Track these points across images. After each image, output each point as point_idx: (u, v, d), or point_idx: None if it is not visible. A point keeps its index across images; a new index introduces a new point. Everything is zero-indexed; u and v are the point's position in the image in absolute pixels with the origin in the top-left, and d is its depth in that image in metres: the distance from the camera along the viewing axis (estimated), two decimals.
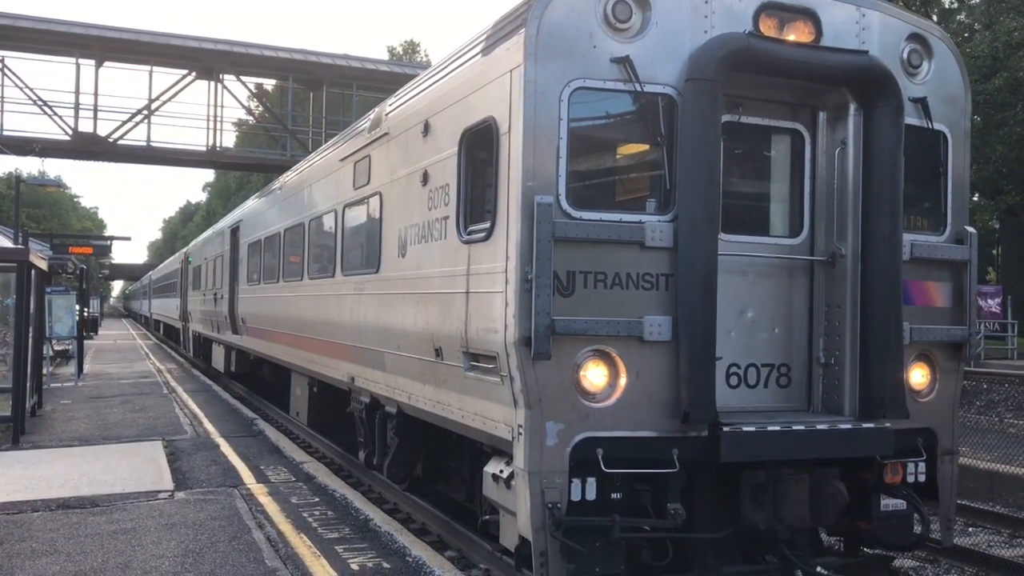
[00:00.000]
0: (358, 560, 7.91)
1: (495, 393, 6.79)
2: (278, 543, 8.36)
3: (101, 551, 8.06)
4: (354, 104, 35.72)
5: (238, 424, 16.55)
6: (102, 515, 9.36)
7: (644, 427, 6.44)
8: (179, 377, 26.55)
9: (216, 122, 33.58)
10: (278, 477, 11.51)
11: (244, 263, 19.44)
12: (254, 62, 34.65)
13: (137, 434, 14.85)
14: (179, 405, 19.19)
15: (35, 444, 13.86)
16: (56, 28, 31.08)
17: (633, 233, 6.42)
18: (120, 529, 8.79)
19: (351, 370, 10.94)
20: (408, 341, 8.66)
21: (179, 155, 34.10)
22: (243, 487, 10.81)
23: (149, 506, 9.80)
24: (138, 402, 19.46)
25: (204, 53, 33.03)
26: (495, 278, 6.61)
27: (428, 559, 7.91)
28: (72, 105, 31.44)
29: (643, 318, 6.39)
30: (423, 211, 8.27)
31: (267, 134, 41.36)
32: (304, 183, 14.09)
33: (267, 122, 40.96)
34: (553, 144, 6.28)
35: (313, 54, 36.19)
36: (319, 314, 12.31)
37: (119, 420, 16.53)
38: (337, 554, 8.08)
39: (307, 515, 9.46)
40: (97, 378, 25.40)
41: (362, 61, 37.98)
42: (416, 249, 8.49)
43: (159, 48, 32.51)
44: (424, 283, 8.20)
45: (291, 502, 10.05)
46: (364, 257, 10.50)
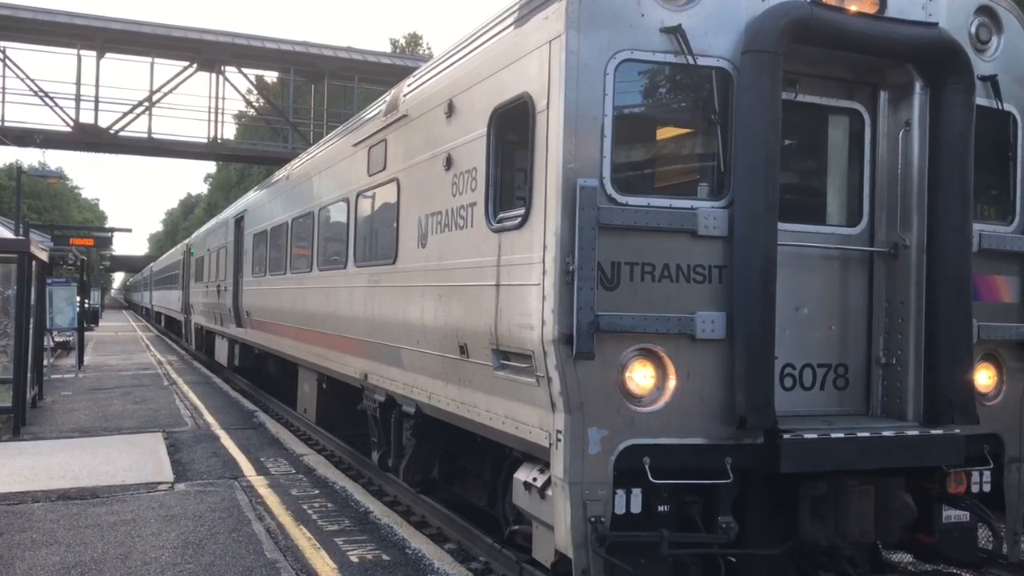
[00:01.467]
0: (358, 552, 7.92)
1: (529, 395, 6.29)
2: (278, 535, 8.40)
3: (101, 542, 8.10)
4: (356, 97, 35.62)
5: (238, 416, 16.61)
6: (102, 506, 9.41)
7: (694, 433, 5.93)
8: (179, 369, 26.59)
9: (217, 114, 33.53)
10: (278, 469, 11.55)
11: (249, 254, 18.94)
12: (255, 54, 34.54)
13: (137, 426, 14.91)
14: (179, 397, 19.24)
15: (35, 435, 13.89)
16: (57, 19, 30.97)
17: (684, 220, 5.89)
18: (120, 520, 8.83)
19: (364, 366, 10.45)
20: (429, 337, 8.13)
21: (180, 147, 34.04)
22: (243, 479, 10.86)
23: (149, 497, 9.84)
24: (138, 394, 19.53)
25: (205, 45, 32.95)
26: (531, 269, 6.10)
27: (428, 551, 7.93)
28: (73, 96, 31.36)
29: (695, 314, 5.87)
30: (446, 198, 7.72)
31: (268, 126, 41.31)
32: (313, 171, 13.52)
33: (268, 114, 40.91)
34: (597, 122, 5.75)
35: (315, 46, 36.13)
36: (329, 307, 11.82)
37: (119, 412, 16.58)
38: (337, 546, 8.08)
39: (307, 507, 9.50)
40: (98, 370, 25.44)
41: (364, 53, 37.84)
42: (438, 239, 7.94)
43: (160, 40, 32.41)
44: (447, 275, 7.70)
45: (291, 494, 10.09)
46: (379, 247, 10.03)
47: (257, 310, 17.73)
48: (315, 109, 37.57)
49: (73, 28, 31.00)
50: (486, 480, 8.34)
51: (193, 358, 31.31)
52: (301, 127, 36.07)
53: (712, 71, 6.01)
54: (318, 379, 13.44)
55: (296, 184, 14.87)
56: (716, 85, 6.03)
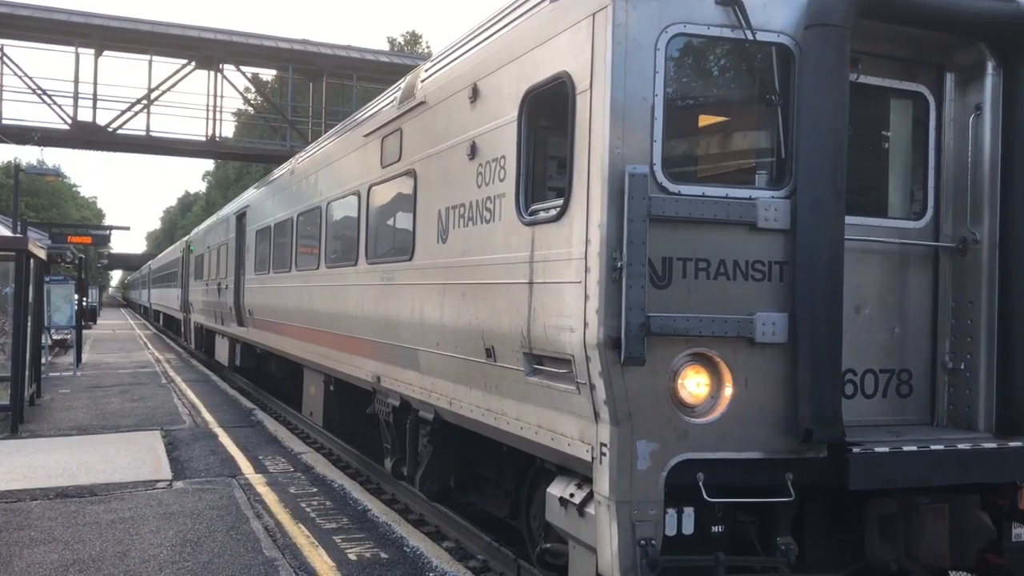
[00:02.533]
0: (356, 550, 7.92)
1: (568, 403, 5.79)
2: (276, 533, 8.38)
3: (99, 540, 8.07)
4: (354, 95, 35.58)
5: (236, 414, 16.59)
6: (100, 504, 9.38)
7: (752, 447, 5.45)
8: (178, 367, 26.56)
9: (215, 112, 33.48)
10: (276, 467, 11.53)
11: (251, 251, 18.38)
12: (254, 52, 34.49)
13: (136, 424, 14.89)
14: (178, 395, 19.21)
15: (33, 433, 13.86)
16: (55, 17, 30.91)
17: (743, 211, 5.40)
18: (118, 518, 8.80)
19: (376, 369, 9.92)
20: (449, 339, 7.60)
21: (178, 145, 33.97)
22: (241, 477, 10.84)
23: (147, 495, 9.82)
24: (136, 392, 19.50)
25: (204, 43, 32.90)
26: (570, 266, 5.60)
27: (426, 549, 7.94)
28: (71, 94, 31.33)
29: (754, 315, 5.38)
30: (470, 189, 7.20)
31: (267, 124, 41.27)
32: (321, 164, 12.97)
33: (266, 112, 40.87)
34: (647, 103, 5.25)
35: (313, 44, 36.11)
36: (338, 306, 11.25)
37: (117, 410, 16.55)
38: (335, 544, 8.08)
39: (305, 505, 9.48)
40: (96, 368, 25.41)
41: (362, 52, 37.80)
42: (461, 233, 7.40)
43: (158, 37, 32.35)
44: (471, 272, 7.16)
45: (289, 492, 10.07)
46: (394, 243, 9.54)
47: (260, 309, 17.25)
48: (313, 107, 37.54)
49: (71, 26, 30.95)
50: (507, 490, 7.91)
51: (191, 356, 31.29)
52: (299, 125, 36.04)
53: (772, 47, 5.55)
54: (325, 381, 12.95)
55: (302, 178, 14.32)
56: (776, 62, 5.57)
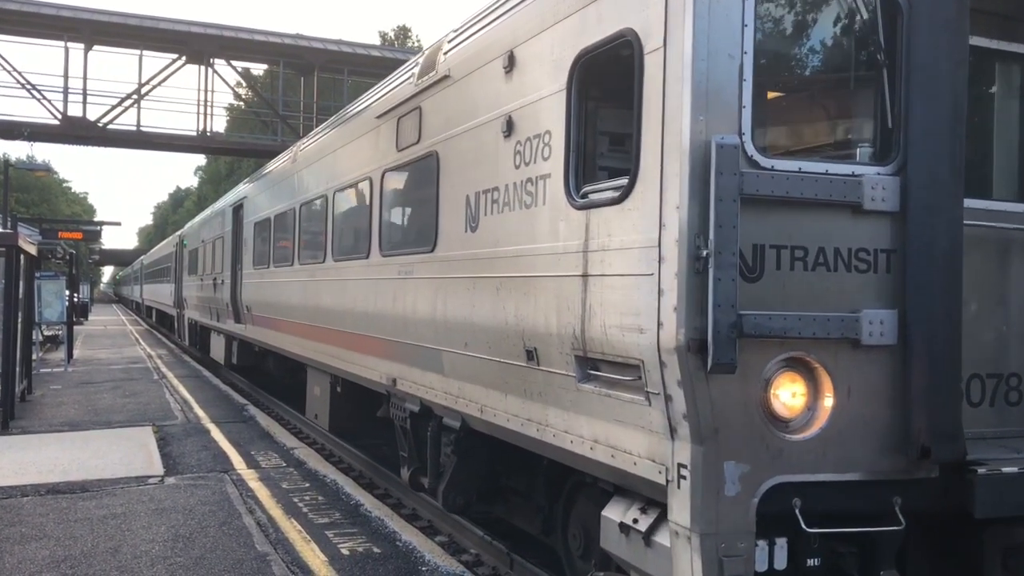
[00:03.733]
0: (348, 545, 7.92)
1: (634, 416, 5.04)
2: (268, 528, 8.38)
3: (91, 535, 8.06)
4: (345, 89, 35.54)
5: (229, 410, 16.55)
6: (92, 500, 9.36)
7: (854, 467, 4.73)
8: (169, 363, 26.50)
9: (206, 107, 33.40)
10: (269, 463, 11.52)
11: (249, 245, 17.49)
12: (244, 46, 34.45)
13: (127, 419, 14.85)
14: (169, 391, 19.17)
15: (24, 429, 13.84)
16: (44, 11, 30.80)
17: (846, 190, 4.64)
18: (110, 514, 8.79)
19: (391, 370, 9.16)
20: (481, 339, 6.83)
21: (169, 140, 33.88)
22: (234, 472, 10.82)
23: (139, 491, 9.80)
24: (128, 387, 19.44)
25: (194, 37, 32.82)
26: (638, 255, 4.81)
27: (418, 544, 7.94)
28: (61, 89, 31.21)
29: (859, 313, 4.64)
30: (505, 171, 6.42)
31: (258, 119, 41.17)
32: (326, 150, 12.14)
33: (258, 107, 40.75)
34: (734, 62, 4.48)
35: (304, 39, 36.04)
36: (347, 302, 10.48)
37: (109, 405, 16.50)
38: (327, 539, 8.09)
39: (297, 500, 9.48)
40: (87, 363, 25.33)
41: (353, 46, 37.81)
42: (494, 220, 6.61)
43: (148, 32, 32.28)
44: (508, 264, 6.38)
45: (281, 487, 10.07)
46: (412, 233, 8.83)
47: (259, 305, 16.48)
48: (305, 102, 37.42)
49: (60, 20, 30.85)
50: (539, 504, 7.22)
51: (183, 352, 31.23)
52: (291, 120, 35.97)
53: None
54: (331, 382, 12.10)
55: (304, 167, 13.48)
56: (882, 16, 4.82)
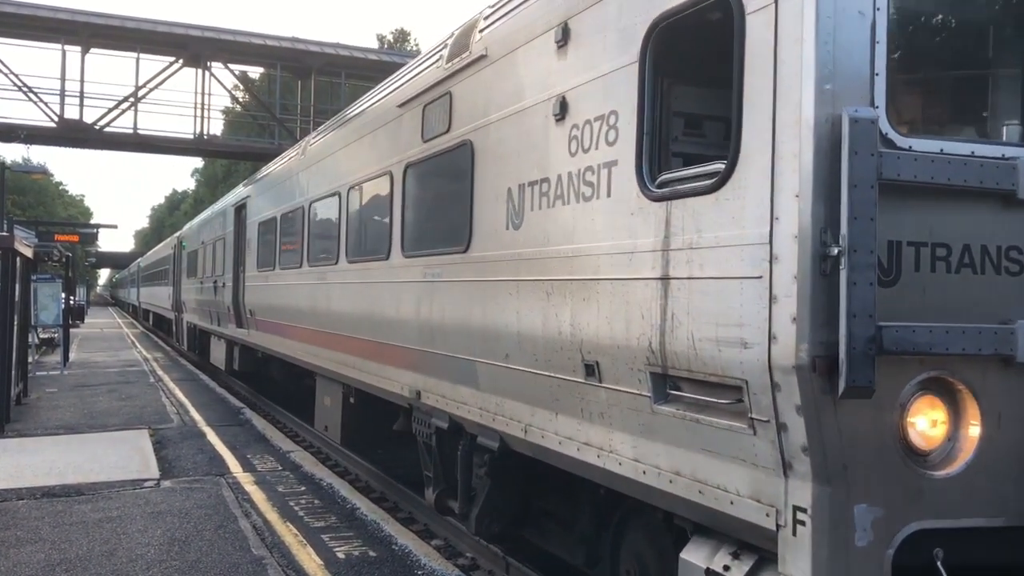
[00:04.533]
0: (344, 548, 7.92)
1: (731, 446, 4.25)
2: (264, 531, 8.38)
3: (86, 539, 8.05)
4: (343, 93, 35.55)
5: (225, 413, 16.55)
6: (87, 503, 9.35)
7: (1006, 511, 4.01)
8: (165, 366, 26.48)
9: (203, 110, 33.40)
10: (264, 466, 11.51)
11: (253, 246, 16.84)
12: (242, 49, 34.45)
13: (123, 423, 14.83)
14: (166, 394, 19.16)
15: (20, 432, 13.83)
16: (41, 13, 30.77)
17: (997, 176, 3.89)
18: (106, 517, 8.78)
19: (415, 382, 8.49)
20: (527, 350, 6.10)
21: (166, 142, 33.85)
22: (229, 476, 10.82)
23: (135, 494, 9.79)
24: (124, 391, 19.43)
25: (191, 40, 32.82)
26: (741, 254, 4.05)
27: (414, 548, 7.94)
28: (58, 91, 31.20)
29: (1014, 324, 3.92)
30: (558, 159, 5.73)
31: (255, 122, 41.16)
32: (339, 144, 11.44)
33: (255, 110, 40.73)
34: (865, 20, 3.73)
35: (302, 42, 36.04)
36: (364, 307, 9.84)
37: (105, 409, 16.49)
38: (323, 542, 8.09)
39: (293, 504, 9.48)
40: (83, 367, 25.30)
41: (351, 50, 37.77)
42: (543, 216, 5.89)
43: (146, 35, 32.27)
44: (561, 265, 5.63)
45: (277, 491, 10.06)
46: (440, 232, 8.03)
47: (263, 309, 15.79)
48: (302, 105, 37.43)
49: (57, 22, 30.83)
50: (584, 533, 6.60)
51: (180, 355, 31.19)
52: (288, 123, 35.97)
53: None
54: (344, 392, 11.39)
55: (315, 162, 12.74)
56: None
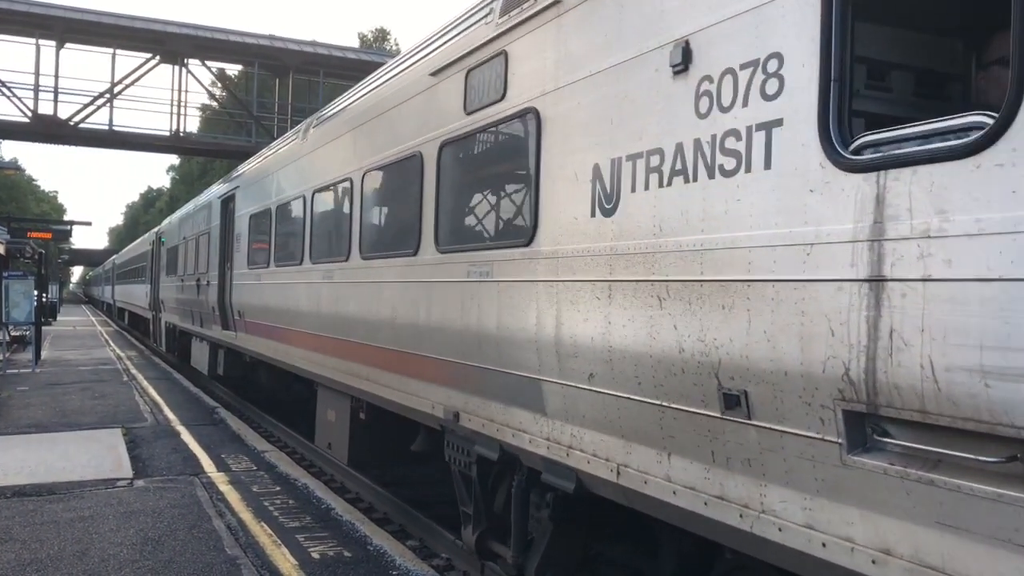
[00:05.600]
0: (319, 549, 7.91)
1: (997, 523, 3.07)
2: (238, 531, 8.35)
3: (58, 539, 7.98)
4: (321, 91, 35.45)
5: (199, 412, 16.44)
6: (59, 503, 9.26)
7: None
8: (139, 364, 26.27)
9: (180, 107, 33.21)
10: (239, 466, 11.46)
11: (243, 241, 15.66)
12: (219, 47, 34.33)
13: (96, 421, 14.70)
14: (139, 392, 19.02)
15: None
16: (16, 7, 30.50)
17: None
18: (78, 517, 8.71)
19: (451, 400, 7.31)
20: (623, 370, 4.92)
21: (142, 139, 33.67)
22: (203, 475, 10.77)
23: (108, 494, 9.72)
24: (97, 389, 19.25)
25: (168, 37, 32.65)
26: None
27: (389, 548, 7.94)
28: (32, 87, 30.91)
29: None
30: (678, 122, 4.53)
31: (232, 120, 40.94)
32: (349, 125, 10.22)
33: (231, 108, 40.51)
34: None
35: (280, 40, 35.96)
36: (382, 311, 8.70)
37: (77, 407, 16.34)
38: (298, 543, 8.07)
39: (268, 504, 9.44)
40: (55, 365, 25.05)
41: (330, 48, 37.74)
42: (652, 198, 4.69)
43: (122, 31, 32.07)
44: (685, 262, 4.45)
45: (252, 491, 10.02)
46: (489, 222, 7.00)
47: (254, 310, 14.58)
48: (279, 103, 37.28)
49: (31, 17, 30.59)
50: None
51: (153, 353, 30.95)
52: (265, 121, 35.82)
53: None
54: (353, 406, 10.21)
55: (320, 145, 11.44)
56: None
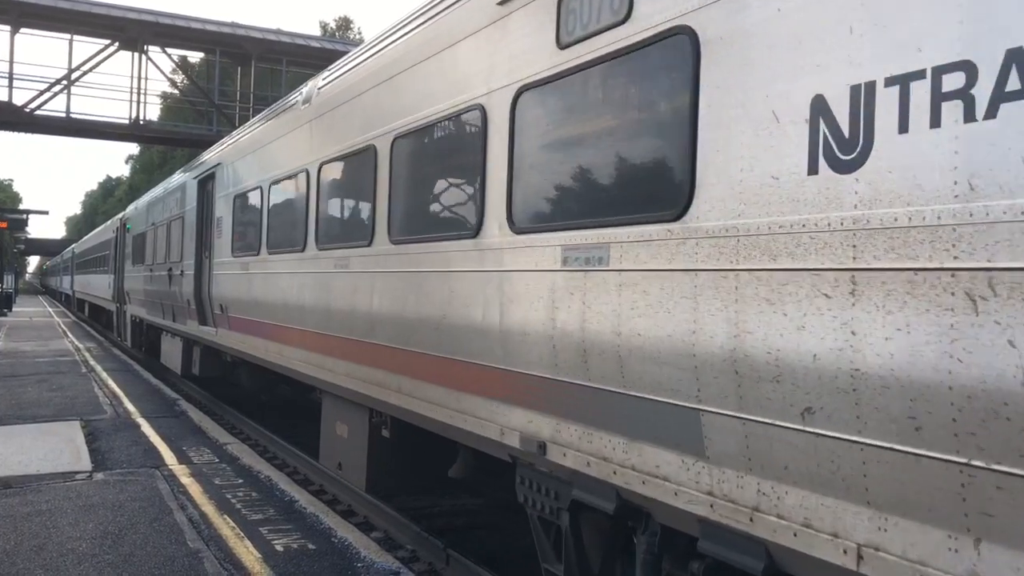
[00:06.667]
0: (283, 541, 7.86)
1: None
2: (200, 524, 8.26)
3: (14, 533, 7.85)
4: (283, 80, 35.09)
5: (160, 404, 16.26)
6: (16, 496, 9.11)
7: None
8: (98, 356, 25.90)
9: (140, 94, 32.67)
10: (201, 458, 11.35)
11: (226, 225, 14.12)
12: (180, 34, 33.81)
13: (54, 414, 14.48)
14: (98, 384, 18.75)
15: None
16: None
17: None
18: (35, 511, 8.57)
19: (534, 426, 5.74)
20: (882, 405, 3.39)
21: (100, 127, 33.06)
22: (165, 468, 10.65)
23: (66, 487, 9.58)
24: (55, 381, 18.95)
25: (127, 23, 32.09)
26: None
27: (354, 540, 7.91)
28: None
29: None
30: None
31: (193, 108, 40.40)
32: (374, 80, 8.50)
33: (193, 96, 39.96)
34: None
35: (242, 27, 35.51)
36: (424, 306, 7.07)
37: (34, 400, 16.07)
38: (261, 535, 8.01)
39: (230, 496, 9.36)
40: (11, 356, 24.62)
41: (293, 36, 37.34)
42: (954, 139, 3.09)
43: (79, 16, 31.46)
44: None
45: (214, 483, 9.93)
46: (602, 191, 5.23)
47: (240, 304, 13.09)
48: (241, 92, 36.83)
49: None
50: None
51: (113, 345, 30.51)
52: (226, 110, 35.39)
53: None
54: (373, 421, 8.81)
55: (329, 109, 9.68)
56: None
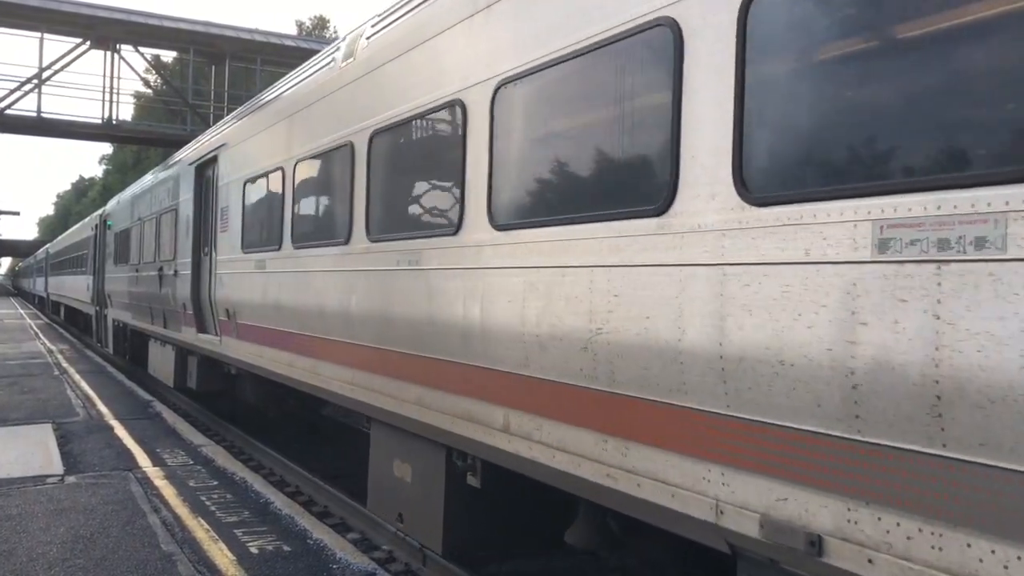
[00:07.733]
0: (258, 543, 7.79)
1: None
2: (174, 527, 8.18)
3: None
4: (258, 79, 34.88)
5: (133, 406, 16.11)
6: None
7: None
8: (71, 358, 25.62)
9: (112, 94, 32.37)
10: (175, 460, 11.25)
11: (233, 216, 12.24)
12: (153, 32, 33.56)
13: (25, 417, 14.33)
14: (71, 386, 18.55)
15: None
16: None
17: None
18: (4, 516, 8.47)
19: (795, 505, 3.70)
20: None
21: (72, 127, 32.77)
22: (138, 471, 10.54)
23: (37, 491, 9.46)
24: (26, 383, 18.74)
25: (99, 21, 31.80)
26: None
27: (330, 542, 7.86)
28: None
29: None
30: None
31: (166, 108, 40.08)
32: (456, 15, 6.41)
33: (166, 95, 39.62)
34: None
35: (216, 26, 35.29)
36: (546, 316, 5.18)
37: (5, 403, 15.89)
38: (236, 537, 7.94)
39: (205, 499, 9.28)
40: None
41: (267, 35, 37.18)
42: None
43: (50, 14, 31.13)
44: None
45: (188, 486, 9.84)
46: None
47: (254, 309, 11.17)
48: (215, 91, 36.58)
49: None
50: None
51: (86, 347, 30.19)
52: (200, 109, 35.13)
53: None
54: (451, 466, 6.81)
55: (382, 64, 7.71)
56: None
